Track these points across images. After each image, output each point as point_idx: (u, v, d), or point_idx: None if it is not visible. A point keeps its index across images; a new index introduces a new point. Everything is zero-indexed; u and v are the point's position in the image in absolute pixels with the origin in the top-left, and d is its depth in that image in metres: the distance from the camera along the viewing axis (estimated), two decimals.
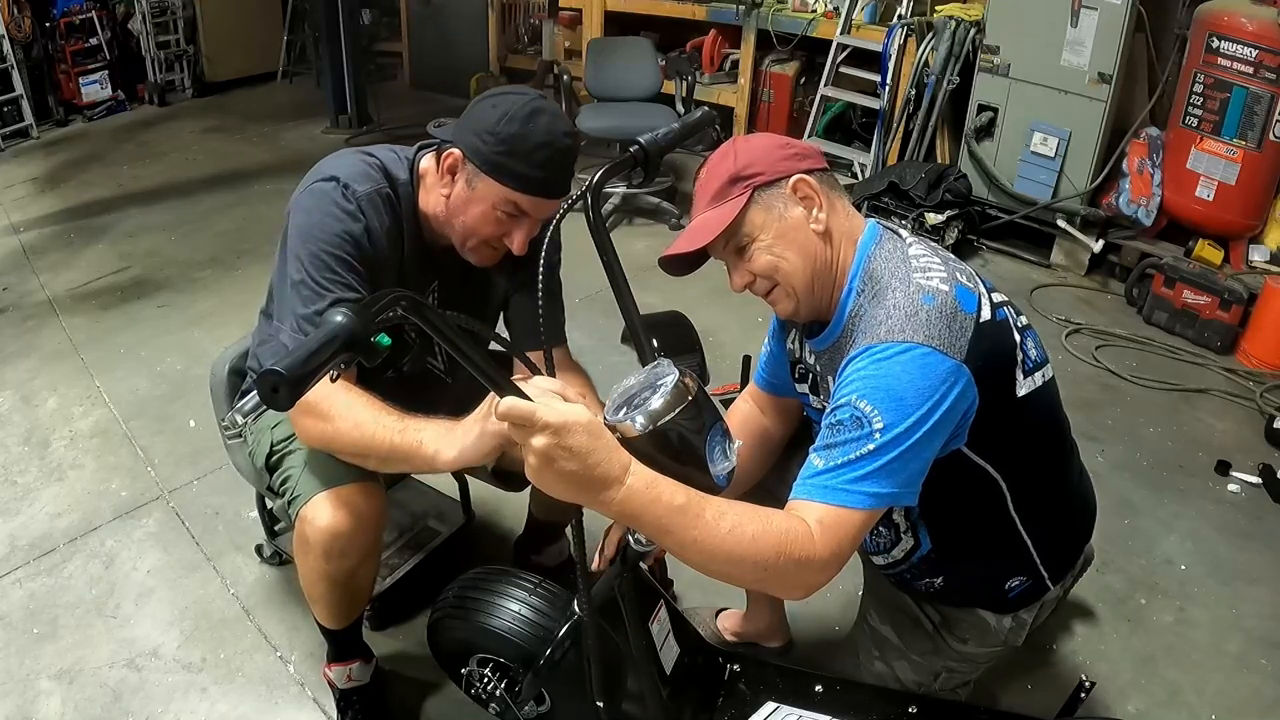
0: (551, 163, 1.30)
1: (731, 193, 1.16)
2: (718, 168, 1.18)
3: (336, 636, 1.60)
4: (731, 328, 3.04)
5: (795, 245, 1.15)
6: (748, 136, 1.23)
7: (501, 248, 1.40)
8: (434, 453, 1.19)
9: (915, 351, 1.02)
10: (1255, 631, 1.98)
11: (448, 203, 1.38)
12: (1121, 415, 2.78)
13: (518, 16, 6.04)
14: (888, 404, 1.01)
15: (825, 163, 1.21)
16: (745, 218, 1.16)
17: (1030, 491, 1.24)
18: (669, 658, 1.34)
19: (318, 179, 1.37)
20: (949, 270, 1.12)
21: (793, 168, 1.16)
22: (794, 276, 1.16)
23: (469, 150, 1.32)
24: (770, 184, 1.16)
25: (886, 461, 1.01)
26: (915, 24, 3.98)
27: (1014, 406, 1.14)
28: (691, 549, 0.94)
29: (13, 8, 5.02)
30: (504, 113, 1.29)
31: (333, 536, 1.36)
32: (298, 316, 1.31)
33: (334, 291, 1.31)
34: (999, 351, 1.11)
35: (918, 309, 1.05)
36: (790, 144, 1.20)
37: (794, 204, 1.16)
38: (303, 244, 1.33)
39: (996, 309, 1.13)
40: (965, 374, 1.04)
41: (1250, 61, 3.13)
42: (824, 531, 0.99)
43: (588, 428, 0.87)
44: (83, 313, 3.22)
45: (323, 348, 0.73)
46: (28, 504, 2.26)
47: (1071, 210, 3.62)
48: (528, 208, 1.33)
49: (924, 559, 1.29)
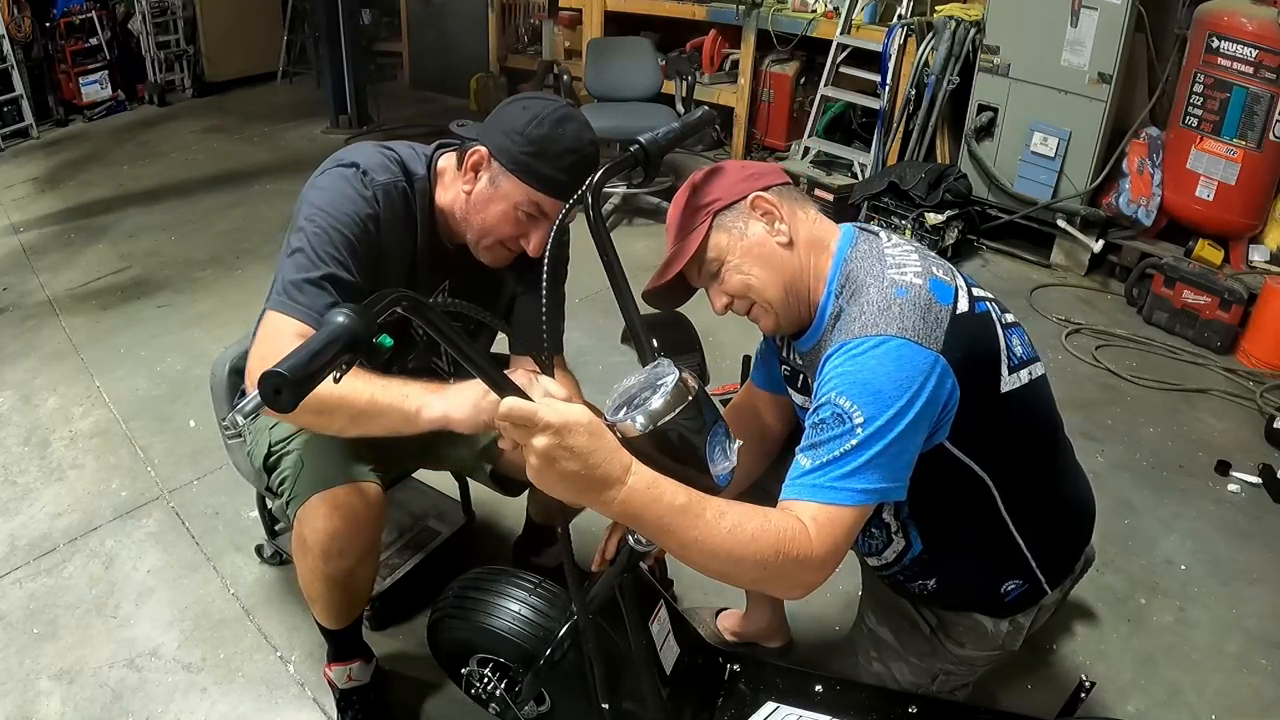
0: (577, 168, 1.32)
1: (694, 222, 1.19)
2: (679, 202, 1.22)
3: (336, 636, 1.60)
4: (731, 328, 3.03)
5: (761, 260, 1.17)
6: (705, 170, 1.25)
7: (516, 249, 1.41)
8: (416, 409, 1.18)
9: (889, 344, 1.03)
10: (1255, 631, 1.98)
11: (468, 199, 1.38)
12: (1121, 415, 2.77)
13: (518, 16, 6.05)
14: (866, 398, 1.01)
15: (785, 178, 1.23)
16: (709, 243, 1.19)
17: (1021, 492, 1.23)
18: (669, 658, 1.34)
19: (337, 164, 1.38)
20: (924, 265, 1.12)
21: (748, 188, 1.19)
22: (766, 291, 1.18)
23: (496, 149, 1.33)
24: (727, 207, 1.19)
25: (871, 456, 1.01)
26: (915, 24, 3.98)
27: (998, 403, 1.14)
28: (692, 549, 0.94)
29: (13, 8, 5.02)
30: (534, 115, 1.31)
31: (330, 537, 1.36)
32: (286, 282, 1.30)
33: (329, 266, 1.30)
34: (979, 344, 1.11)
35: (890, 302, 1.06)
36: (748, 167, 1.24)
37: (754, 220, 1.18)
38: (311, 217, 1.33)
39: (976, 302, 1.13)
40: (942, 364, 1.04)
41: (1250, 61, 3.13)
42: (819, 530, 0.99)
43: (589, 428, 0.88)
44: (83, 313, 3.22)
45: (325, 348, 0.73)
46: (28, 504, 2.26)
47: (1071, 210, 3.62)
48: (549, 210, 1.34)
49: (916, 560, 1.29)
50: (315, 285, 1.28)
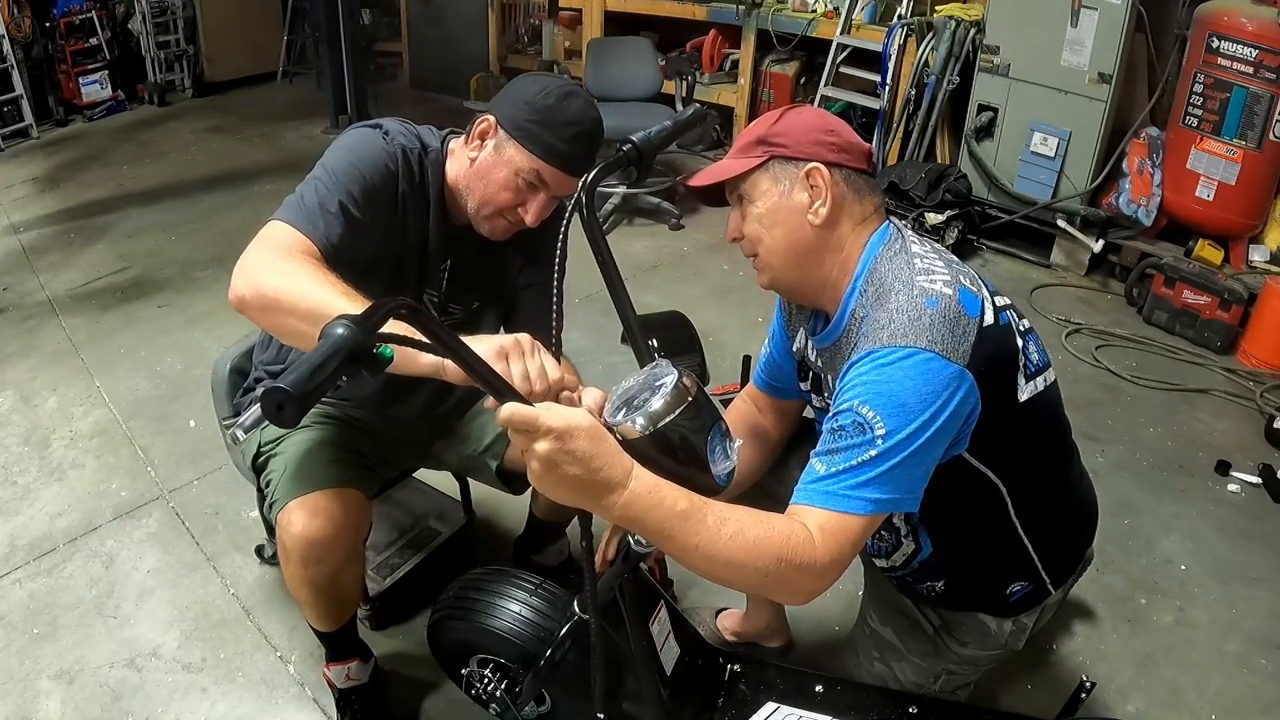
0: (578, 140, 1.35)
1: (753, 151, 1.17)
2: (757, 125, 1.20)
3: (330, 638, 1.60)
4: (731, 328, 3.04)
5: (783, 226, 1.16)
6: (801, 108, 1.22)
7: (515, 220, 1.42)
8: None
9: (918, 356, 1.01)
10: (1255, 631, 1.98)
11: (472, 165, 1.40)
12: (1121, 415, 2.78)
13: (518, 16, 6.04)
14: (890, 410, 1.00)
15: (866, 164, 1.19)
16: (751, 178, 1.17)
17: (1031, 497, 1.23)
18: (669, 658, 1.34)
19: (360, 125, 1.43)
20: (952, 273, 1.10)
21: (818, 154, 1.15)
22: (773, 255, 1.18)
23: (503, 116, 1.37)
24: (788, 159, 1.15)
25: (889, 468, 1.00)
26: (915, 24, 3.98)
27: (1016, 411, 1.13)
28: (693, 554, 0.94)
29: (13, 8, 5.02)
30: (542, 88, 1.36)
31: (308, 543, 1.36)
32: (298, 196, 1.30)
33: (339, 196, 1.30)
34: (1001, 356, 1.10)
35: (921, 312, 1.04)
36: (834, 130, 1.18)
37: (800, 189, 1.15)
38: (332, 156, 1.36)
39: (999, 312, 1.12)
40: (968, 379, 1.03)
41: (1250, 61, 3.13)
42: (825, 538, 0.99)
43: (590, 432, 0.87)
44: (83, 313, 3.22)
45: (326, 362, 0.71)
46: (28, 504, 2.26)
47: (1071, 210, 3.62)
48: (548, 178, 1.36)
49: (925, 563, 1.29)
50: (325, 209, 1.28)
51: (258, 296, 1.16)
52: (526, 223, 1.40)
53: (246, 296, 1.17)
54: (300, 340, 1.16)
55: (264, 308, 1.16)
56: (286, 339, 1.26)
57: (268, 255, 1.21)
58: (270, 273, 1.17)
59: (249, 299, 1.17)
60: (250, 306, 1.18)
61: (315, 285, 1.13)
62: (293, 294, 1.13)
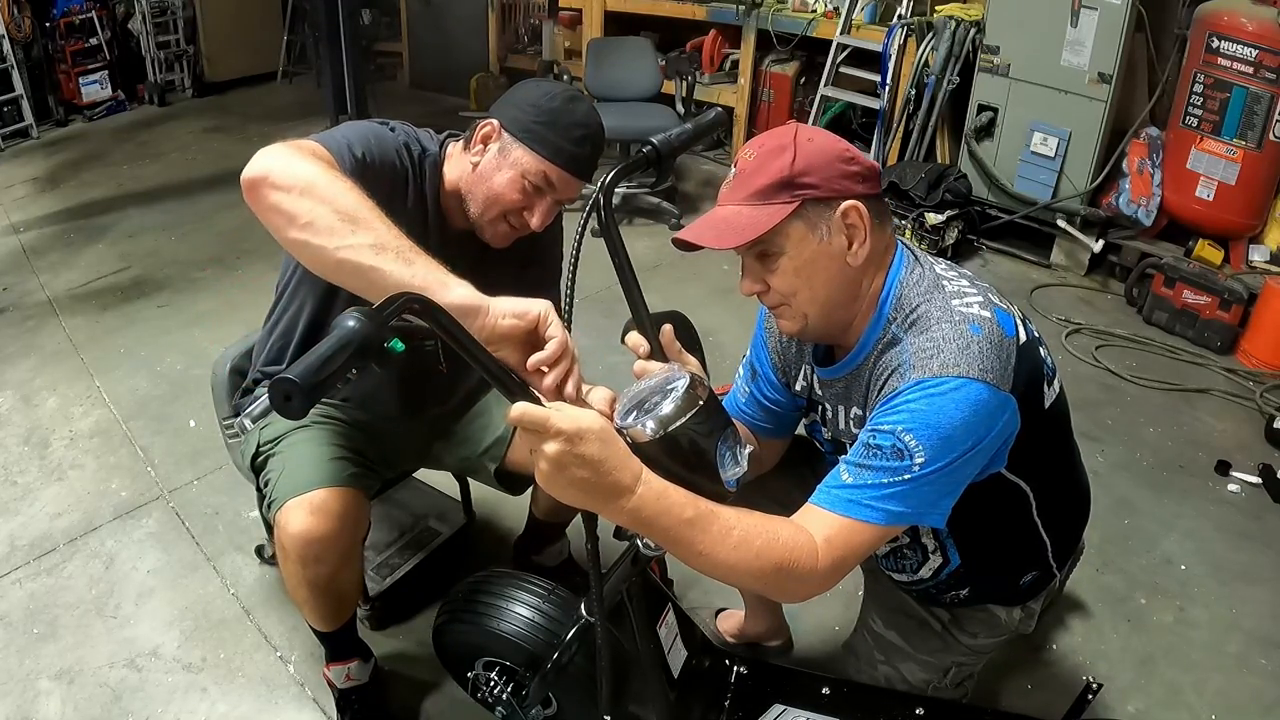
0: (585, 142, 1.36)
1: (779, 197, 1.05)
2: (771, 162, 1.05)
3: (329, 638, 1.60)
4: (731, 328, 3.03)
5: (823, 274, 1.08)
6: (810, 132, 1.09)
7: (519, 225, 1.41)
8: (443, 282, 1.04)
9: (970, 388, 0.99)
10: (1255, 631, 1.98)
11: (474, 170, 1.39)
12: (1121, 415, 2.78)
13: (518, 16, 6.04)
14: (934, 441, 0.99)
15: (879, 186, 1.13)
16: (784, 229, 1.05)
17: (1051, 495, 1.24)
18: (677, 661, 1.33)
19: (366, 120, 1.42)
20: (981, 293, 1.09)
21: (849, 189, 1.06)
22: (812, 305, 1.11)
23: (507, 120, 1.37)
24: (821, 200, 1.06)
25: (918, 489, 1.00)
26: (915, 24, 3.98)
27: (1042, 419, 1.12)
28: (696, 559, 0.95)
29: (13, 8, 5.02)
30: (547, 91, 1.37)
31: (306, 543, 1.36)
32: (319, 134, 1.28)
33: (361, 148, 1.28)
34: (1035, 371, 1.10)
35: (969, 341, 1.01)
36: (853, 157, 1.09)
37: (839, 232, 1.07)
38: (345, 128, 1.34)
39: (1027, 326, 1.12)
40: (1012, 404, 1.03)
41: (1250, 61, 3.13)
42: (830, 549, 0.99)
43: (601, 435, 0.86)
44: (83, 313, 3.22)
45: (336, 354, 0.71)
46: (28, 504, 2.26)
47: (1071, 210, 3.62)
48: (556, 180, 1.36)
49: (952, 574, 1.29)
50: (350, 149, 1.26)
51: (282, 172, 1.09)
52: (532, 226, 1.39)
53: (271, 167, 1.10)
54: (310, 233, 1.05)
55: (279, 186, 1.08)
56: (295, 232, 1.08)
57: (291, 147, 1.16)
58: (294, 157, 1.11)
59: (275, 169, 1.09)
60: (262, 184, 1.10)
61: (333, 178, 1.08)
62: (311, 178, 1.07)
